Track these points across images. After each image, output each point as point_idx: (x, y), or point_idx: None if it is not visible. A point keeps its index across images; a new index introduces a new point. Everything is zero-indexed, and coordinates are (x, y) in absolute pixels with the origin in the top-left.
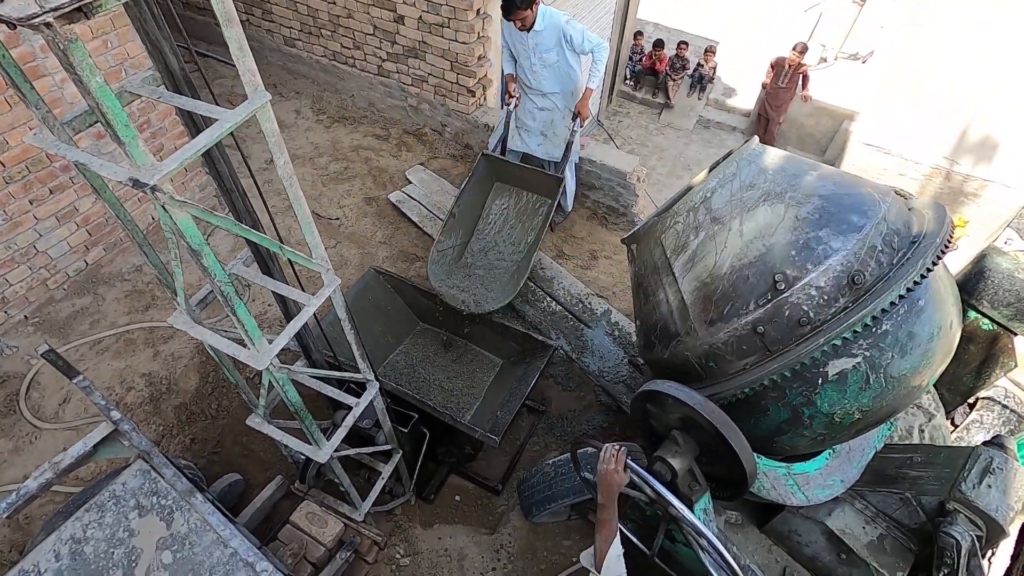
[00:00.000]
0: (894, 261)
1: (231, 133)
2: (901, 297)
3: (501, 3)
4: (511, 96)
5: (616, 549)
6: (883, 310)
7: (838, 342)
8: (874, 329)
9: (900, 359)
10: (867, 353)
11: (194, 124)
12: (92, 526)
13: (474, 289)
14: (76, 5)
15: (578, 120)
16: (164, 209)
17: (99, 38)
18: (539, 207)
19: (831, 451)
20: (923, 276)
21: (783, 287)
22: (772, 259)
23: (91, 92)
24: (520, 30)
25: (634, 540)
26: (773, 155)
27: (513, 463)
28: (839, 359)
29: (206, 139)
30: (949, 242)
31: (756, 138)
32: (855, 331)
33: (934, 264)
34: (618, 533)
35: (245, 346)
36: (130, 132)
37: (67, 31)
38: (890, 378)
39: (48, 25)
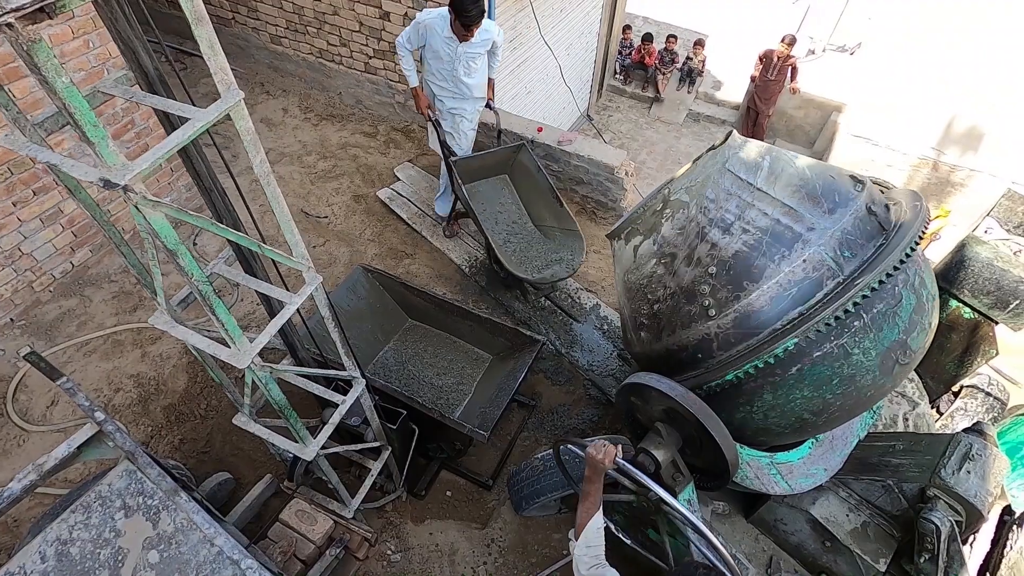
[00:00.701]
0: (864, 262)
1: (208, 132)
2: (871, 292)
3: (461, 17)
4: (429, 108)
5: (597, 521)
6: (856, 302)
7: (813, 336)
8: (844, 326)
9: (871, 349)
10: (837, 349)
11: (170, 124)
12: (78, 527)
13: (548, 260)
14: (38, 5)
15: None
16: (137, 209)
17: (80, 38)
18: (523, 176)
19: (814, 440)
20: (888, 275)
21: (746, 290)
22: (737, 268)
23: (57, 93)
24: (461, 40)
25: (621, 536)
26: (752, 149)
27: (504, 458)
28: (803, 357)
29: (178, 138)
30: (918, 241)
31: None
32: (826, 325)
33: (900, 263)
34: (600, 507)
35: (228, 345)
36: (99, 132)
37: (30, 32)
38: (863, 371)
39: (9, 26)
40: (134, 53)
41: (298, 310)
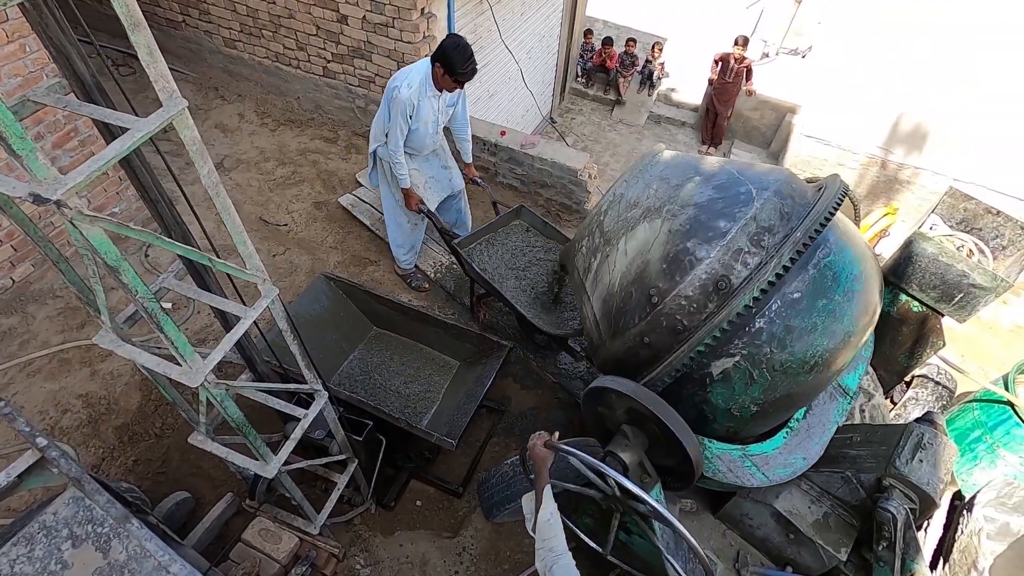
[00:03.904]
0: (762, 261)
1: (153, 141)
2: (760, 295)
3: (456, 75)
4: (421, 203)
5: (544, 514)
6: (747, 306)
7: (711, 342)
8: (746, 328)
9: (780, 352)
10: (744, 351)
11: (110, 134)
12: (20, 560)
13: (565, 311)
14: None
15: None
16: (74, 225)
17: (15, 42)
18: (523, 232)
19: (787, 430)
20: (778, 275)
21: (656, 301)
22: (648, 275)
23: None
24: (443, 90)
25: (588, 541)
26: (663, 166)
27: (474, 464)
28: (718, 360)
29: (116, 150)
30: (816, 233)
31: (657, 148)
32: (722, 331)
33: (791, 262)
34: (547, 500)
35: (179, 363)
36: (26, 144)
37: None
38: (775, 371)
39: None
40: (68, 59)
41: (256, 322)
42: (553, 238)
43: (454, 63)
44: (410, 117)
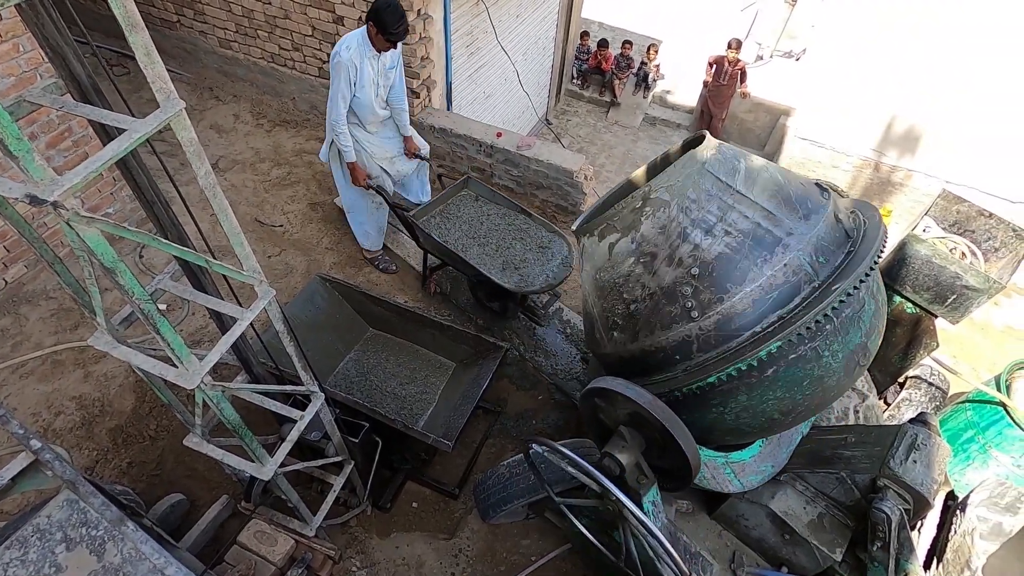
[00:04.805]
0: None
1: (149, 142)
2: (834, 309)
3: (386, 35)
4: (368, 178)
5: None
6: (825, 315)
7: (754, 363)
8: (817, 331)
9: (832, 358)
10: (808, 352)
11: (107, 134)
12: (14, 564)
13: (545, 266)
14: None
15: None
16: (70, 226)
17: (8, 41)
18: (472, 201)
19: (764, 439)
20: (834, 308)
21: (697, 315)
22: (719, 270)
23: None
24: (380, 51)
25: (598, 544)
26: (712, 178)
27: (470, 466)
28: (780, 359)
29: (113, 151)
30: (876, 262)
31: (705, 133)
32: (799, 334)
33: (847, 296)
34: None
35: (175, 365)
36: (23, 145)
37: None
38: (800, 389)
39: None
40: (64, 60)
41: (252, 323)
42: (503, 205)
43: (386, 22)
44: (353, 83)
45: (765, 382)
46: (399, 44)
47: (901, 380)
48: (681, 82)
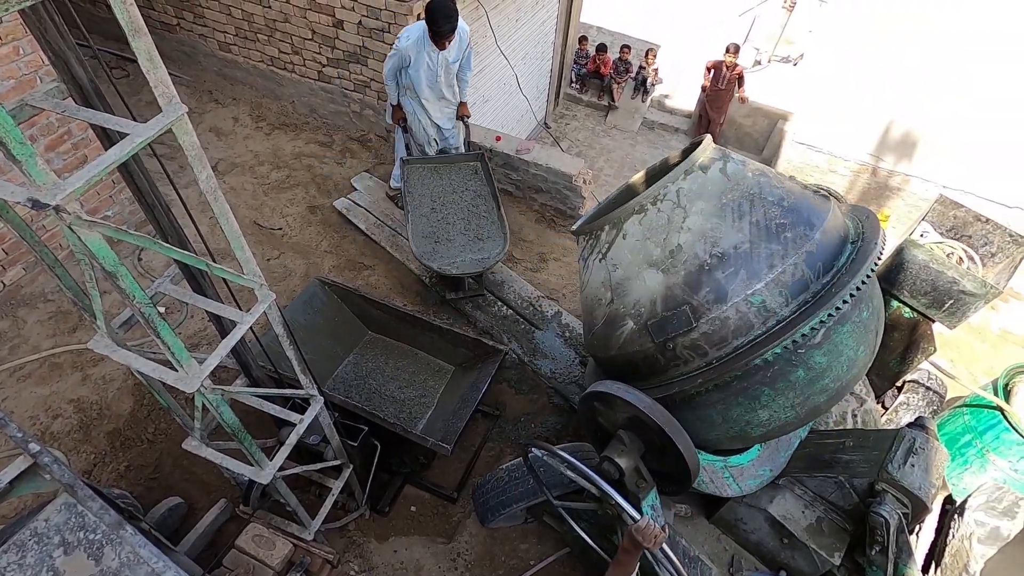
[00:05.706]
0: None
1: (150, 145)
2: (819, 324)
3: (431, 30)
4: (404, 120)
5: None
6: (829, 315)
7: (759, 363)
8: (821, 333)
9: (830, 365)
10: (809, 355)
11: (108, 138)
12: (12, 568)
13: (464, 255)
14: None
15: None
16: (72, 230)
17: (8, 44)
18: (471, 174)
19: (762, 444)
20: (837, 308)
21: (730, 296)
22: (723, 273)
23: None
24: (438, 50)
25: (598, 550)
26: (725, 187)
27: (469, 469)
28: (780, 363)
29: (115, 155)
30: (874, 268)
31: (707, 137)
32: (803, 335)
33: (844, 303)
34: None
35: (175, 368)
36: (26, 149)
37: None
38: (817, 379)
39: None
40: (66, 63)
41: (251, 327)
42: (486, 189)
43: (432, 20)
44: (405, 68)
45: (764, 386)
46: (466, 40)
47: (899, 384)
48: (679, 86)
